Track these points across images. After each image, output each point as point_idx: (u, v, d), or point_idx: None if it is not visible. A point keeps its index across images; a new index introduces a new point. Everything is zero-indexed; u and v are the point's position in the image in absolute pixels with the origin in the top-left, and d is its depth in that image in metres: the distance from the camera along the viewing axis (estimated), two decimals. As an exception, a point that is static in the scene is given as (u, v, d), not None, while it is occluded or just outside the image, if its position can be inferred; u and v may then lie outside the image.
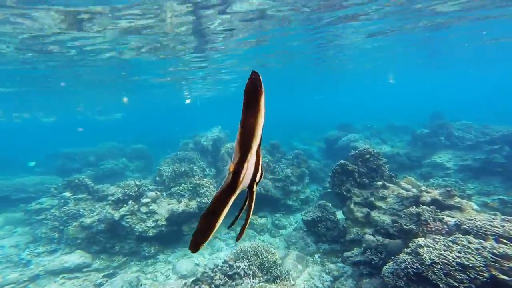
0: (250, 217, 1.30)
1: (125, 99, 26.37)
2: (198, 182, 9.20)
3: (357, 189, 8.26)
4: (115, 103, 28.64)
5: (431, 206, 5.84)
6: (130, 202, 8.24)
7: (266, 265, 6.32)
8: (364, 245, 6.65)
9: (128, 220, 7.97)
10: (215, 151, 12.92)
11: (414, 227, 5.69)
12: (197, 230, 1.13)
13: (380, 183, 7.94)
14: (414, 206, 6.00)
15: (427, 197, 6.51)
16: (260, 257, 6.48)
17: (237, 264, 5.95)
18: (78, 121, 45.71)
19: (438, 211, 5.83)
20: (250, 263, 6.20)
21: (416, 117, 24.25)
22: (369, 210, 7.61)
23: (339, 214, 8.60)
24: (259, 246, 6.72)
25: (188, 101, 33.21)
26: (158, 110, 47.16)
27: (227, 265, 5.90)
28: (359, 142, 14.32)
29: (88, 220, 8.16)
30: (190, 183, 9.33)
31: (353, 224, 7.80)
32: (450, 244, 4.43)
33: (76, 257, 7.53)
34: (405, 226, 5.82)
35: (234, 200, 1.17)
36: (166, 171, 10.07)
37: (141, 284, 6.53)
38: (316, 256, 7.75)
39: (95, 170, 14.66)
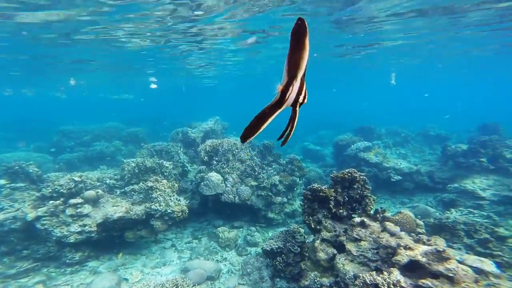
0: (292, 131, 1.58)
1: (72, 81, 23.99)
2: (151, 184, 8.05)
3: (331, 222, 6.37)
4: (126, 84, 27.57)
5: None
6: (51, 202, 7.14)
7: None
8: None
9: (45, 222, 6.90)
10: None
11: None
12: (247, 127, 1.41)
13: (358, 219, 5.94)
14: (373, 274, 4.08)
15: (403, 257, 4.50)
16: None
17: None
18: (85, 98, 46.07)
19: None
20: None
21: (468, 125, 20.06)
22: (336, 252, 5.77)
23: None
24: (180, 284, 5.37)
25: (153, 86, 29.45)
26: (173, 93, 45.76)
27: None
28: (369, 154, 11.87)
29: (1, 216, 7.14)
30: (145, 182, 8.25)
31: (313, 267, 6.08)
32: None
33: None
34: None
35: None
36: (129, 165, 9.10)
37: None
38: (268, 296, 6.23)
39: (85, 151, 14.25)
